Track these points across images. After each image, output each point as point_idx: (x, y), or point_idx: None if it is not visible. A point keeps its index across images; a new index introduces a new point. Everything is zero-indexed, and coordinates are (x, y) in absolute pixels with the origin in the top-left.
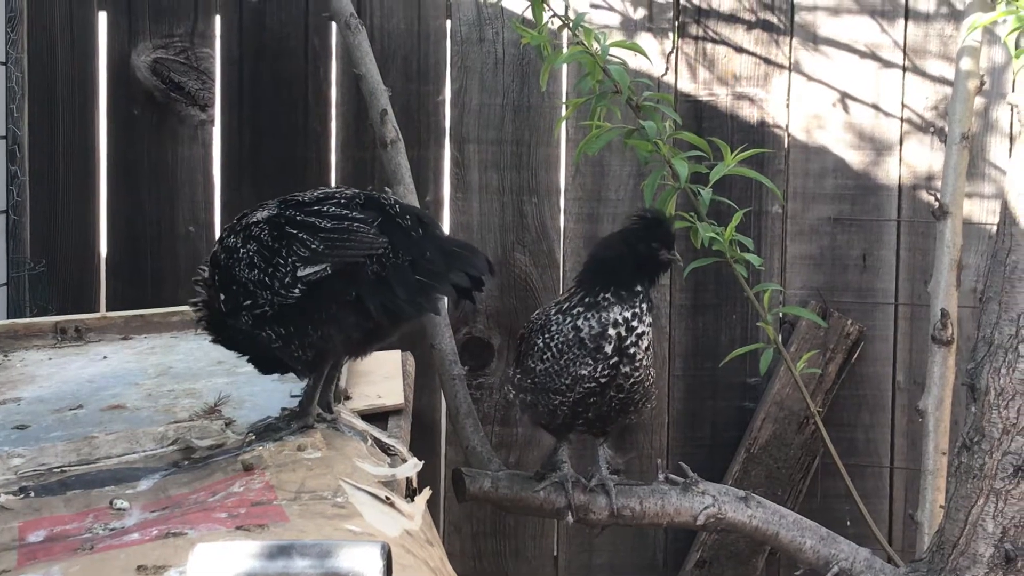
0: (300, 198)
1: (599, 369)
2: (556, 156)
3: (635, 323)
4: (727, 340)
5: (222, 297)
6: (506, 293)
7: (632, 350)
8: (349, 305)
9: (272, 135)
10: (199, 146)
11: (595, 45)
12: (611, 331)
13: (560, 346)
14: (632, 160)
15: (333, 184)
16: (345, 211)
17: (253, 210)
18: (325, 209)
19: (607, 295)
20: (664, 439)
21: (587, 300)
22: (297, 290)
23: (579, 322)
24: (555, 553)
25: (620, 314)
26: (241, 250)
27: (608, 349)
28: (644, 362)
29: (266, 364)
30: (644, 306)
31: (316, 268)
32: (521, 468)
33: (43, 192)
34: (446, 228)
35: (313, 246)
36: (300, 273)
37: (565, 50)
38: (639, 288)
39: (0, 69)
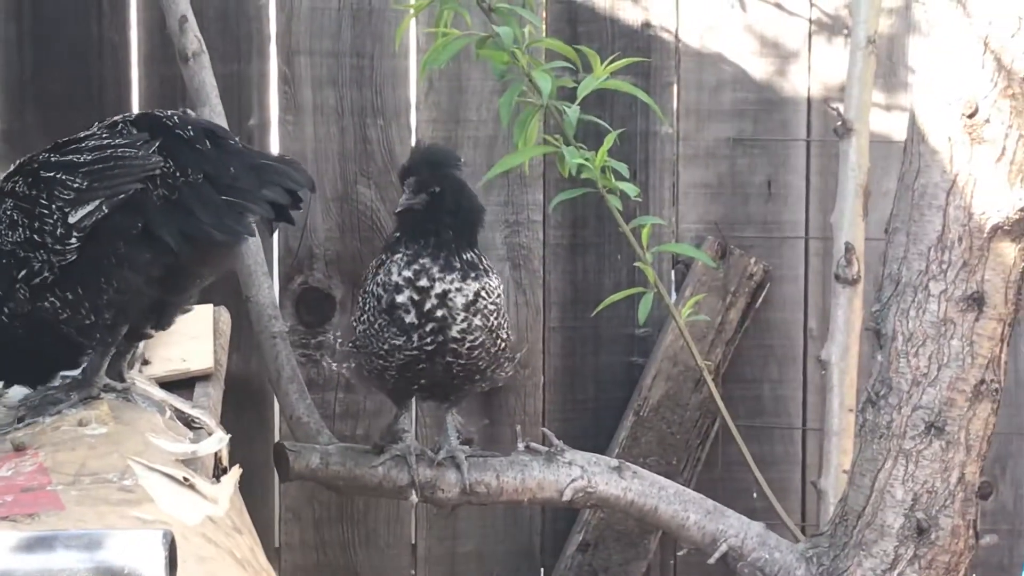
0: (57, 141)
1: (414, 339)
2: (404, 70)
3: (424, 282)
4: (611, 285)
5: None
6: (348, 234)
7: (441, 313)
8: (139, 240)
9: (60, 48)
10: None
11: None
12: (399, 298)
13: (371, 311)
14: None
15: (135, 106)
16: (107, 140)
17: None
18: (84, 144)
19: (401, 250)
20: (539, 403)
21: (384, 257)
22: (74, 239)
23: (376, 288)
24: (413, 541)
25: (400, 274)
26: None
27: (411, 318)
28: (476, 323)
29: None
30: (443, 260)
31: (88, 208)
32: (370, 440)
33: None
34: None
35: (75, 185)
36: (72, 220)
37: None
38: (419, 240)
39: None
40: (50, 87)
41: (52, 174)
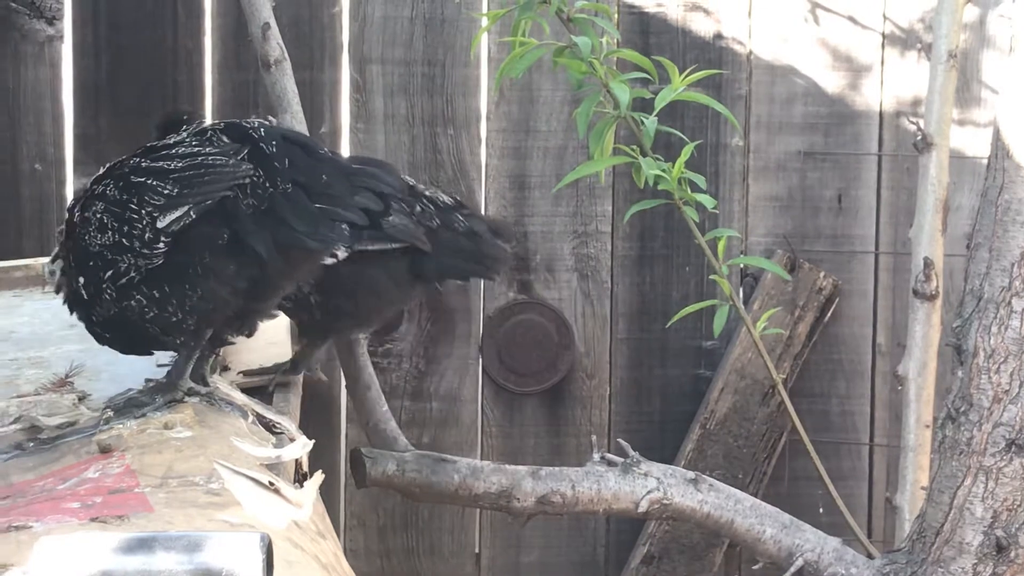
0: (148, 144)
1: None
2: (476, 79)
3: None
4: (679, 297)
5: (81, 281)
6: None
7: None
8: (225, 251)
9: (135, 54)
10: (46, 67)
11: None
12: None
13: None
14: (567, 84)
15: (209, 112)
16: (197, 147)
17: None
18: (175, 150)
19: None
20: (605, 414)
21: None
22: (162, 244)
23: None
24: (477, 550)
25: None
26: (87, 213)
27: None
28: None
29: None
30: None
31: (177, 214)
32: (436, 449)
33: None
34: None
35: (166, 191)
36: (160, 224)
37: None
38: None
39: None
40: (125, 93)
41: (143, 179)
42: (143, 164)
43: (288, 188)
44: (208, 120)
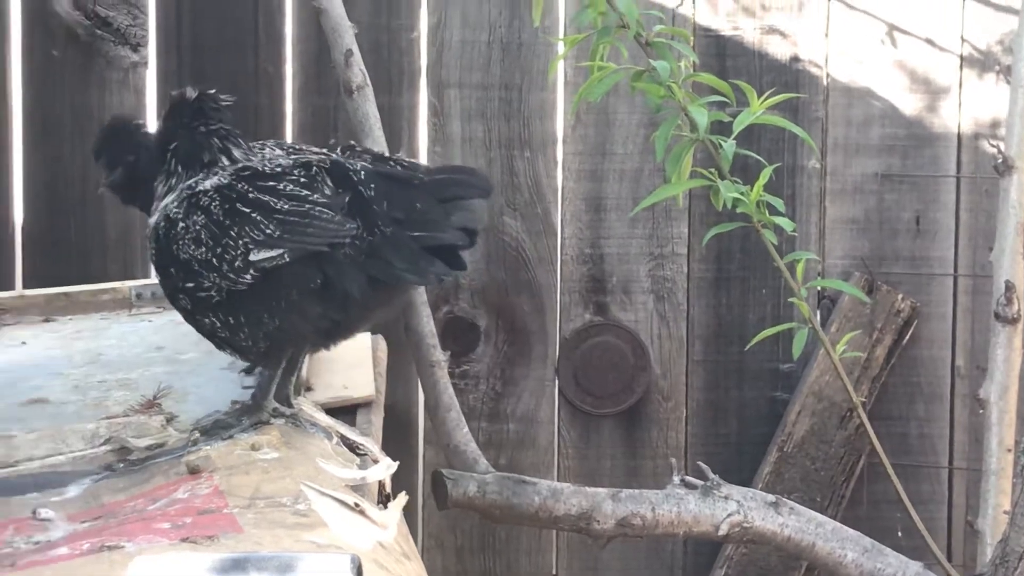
0: (257, 167)
1: None
2: (552, 103)
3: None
4: (756, 319)
5: (158, 276)
6: (494, 264)
7: None
8: (316, 292)
9: (217, 79)
10: (130, 93)
11: None
12: None
13: None
14: (643, 107)
15: (289, 137)
16: (306, 191)
17: (198, 165)
18: (282, 187)
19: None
20: (681, 436)
21: None
22: (249, 276)
23: None
24: (554, 571)
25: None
26: (186, 222)
27: None
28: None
29: None
30: None
31: (271, 253)
32: (513, 470)
33: None
34: None
35: (268, 231)
36: (253, 257)
37: None
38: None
39: None
40: None
41: (248, 211)
42: (250, 195)
43: (387, 230)
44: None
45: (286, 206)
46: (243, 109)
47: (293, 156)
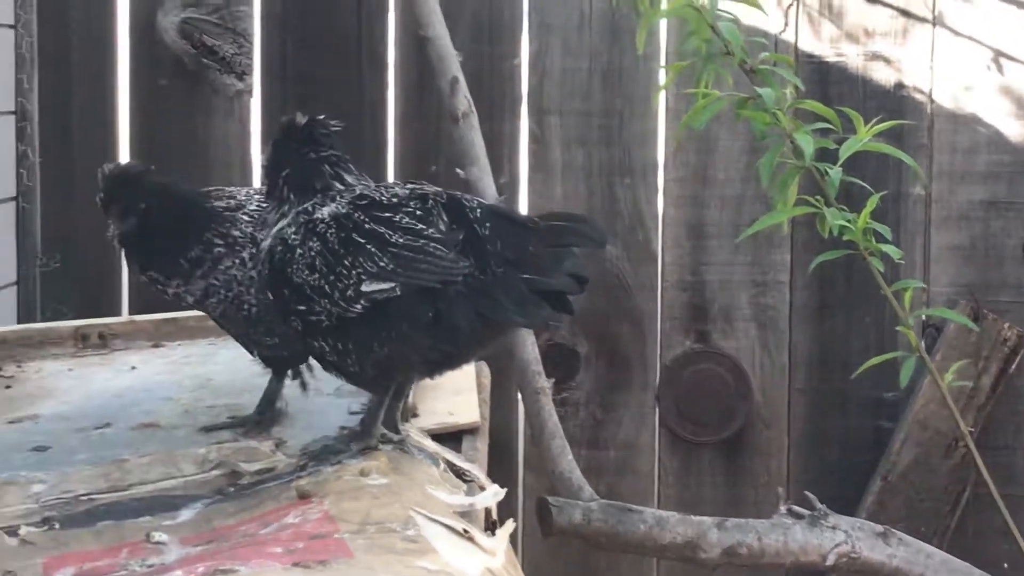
0: (375, 196)
1: None
2: (653, 130)
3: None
4: (859, 347)
5: (270, 296)
6: (594, 291)
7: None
8: (427, 325)
9: (321, 107)
10: (235, 121)
11: None
12: None
13: None
14: (744, 134)
15: (391, 163)
16: (421, 224)
17: (311, 191)
18: (398, 219)
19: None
20: (783, 464)
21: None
22: (359, 306)
23: None
24: None
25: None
26: (302, 248)
27: None
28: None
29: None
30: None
31: (383, 286)
32: (612, 498)
33: (56, 176)
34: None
35: (381, 263)
36: (364, 288)
37: (664, 4)
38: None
39: (8, 33)
40: None
41: (363, 242)
42: (366, 225)
43: (500, 271)
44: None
45: (401, 239)
46: (345, 136)
47: (410, 186)
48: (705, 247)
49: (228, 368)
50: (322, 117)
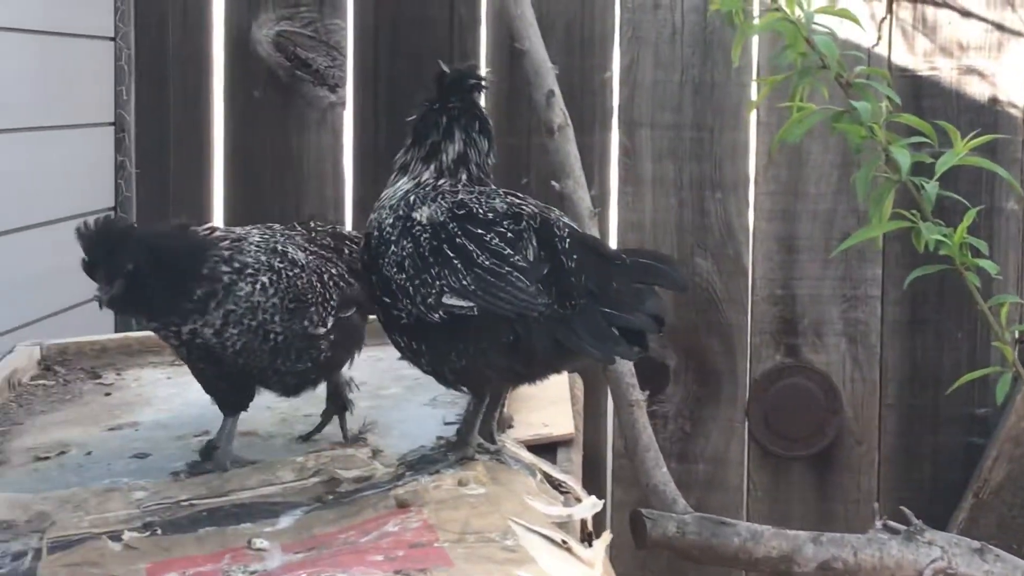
0: (472, 208)
1: None
2: (744, 143)
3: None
4: (951, 363)
5: (373, 279)
6: (684, 305)
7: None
8: (505, 347)
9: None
10: (328, 132)
11: (797, 11)
12: None
13: None
14: (836, 148)
15: None
16: (509, 249)
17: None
18: (489, 237)
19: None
20: (874, 481)
21: None
22: (438, 316)
23: None
24: None
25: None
26: (396, 245)
27: None
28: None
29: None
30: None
31: (461, 303)
32: (702, 511)
33: (152, 186)
34: (612, 227)
35: (464, 282)
36: (445, 300)
37: (757, 18)
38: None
39: (108, 46)
40: None
41: (451, 255)
42: (458, 239)
43: (581, 302)
44: None
45: (487, 262)
46: None
47: (508, 199)
48: (796, 261)
49: None
50: (470, 64)
